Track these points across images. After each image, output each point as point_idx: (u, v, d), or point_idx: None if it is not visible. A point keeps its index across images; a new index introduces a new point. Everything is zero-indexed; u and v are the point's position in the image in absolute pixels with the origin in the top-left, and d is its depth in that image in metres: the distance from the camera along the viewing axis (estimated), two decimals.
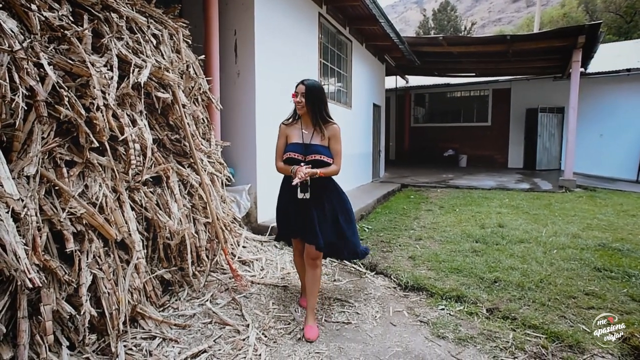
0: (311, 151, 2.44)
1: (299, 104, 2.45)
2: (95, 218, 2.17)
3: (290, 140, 2.50)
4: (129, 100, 2.61)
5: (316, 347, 2.33)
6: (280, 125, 2.60)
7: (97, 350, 2.09)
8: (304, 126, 2.52)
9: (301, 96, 2.43)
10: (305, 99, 2.42)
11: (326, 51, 6.64)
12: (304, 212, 2.48)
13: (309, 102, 2.43)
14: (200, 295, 2.83)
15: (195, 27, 3.88)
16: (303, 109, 2.46)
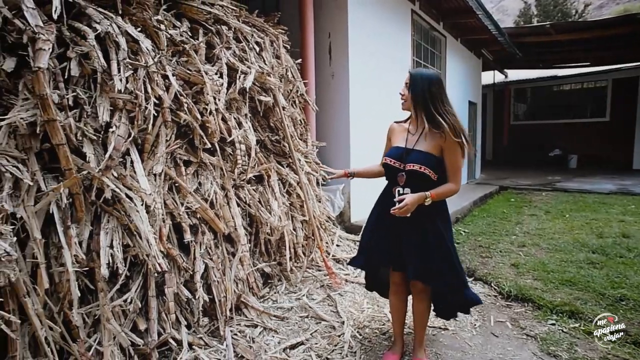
0: (411, 159, 1.92)
1: (402, 97, 1.98)
2: (207, 212, 2.39)
3: (393, 143, 2.07)
4: (235, 104, 2.83)
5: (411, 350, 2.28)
6: (390, 125, 2.18)
7: (208, 332, 2.31)
8: (411, 127, 2.03)
9: (405, 88, 1.95)
10: (409, 91, 1.93)
11: (419, 49, 6.46)
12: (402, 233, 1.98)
13: (413, 94, 1.91)
14: (297, 290, 2.95)
15: (292, 33, 4.06)
16: (407, 104, 1.97)
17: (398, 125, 2.11)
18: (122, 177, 1.99)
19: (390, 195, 1.99)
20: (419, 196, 1.84)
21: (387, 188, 2.09)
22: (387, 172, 2.06)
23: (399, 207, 1.82)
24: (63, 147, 1.79)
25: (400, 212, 1.82)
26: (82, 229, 1.87)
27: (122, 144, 1.98)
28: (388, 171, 2.04)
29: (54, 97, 1.83)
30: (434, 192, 1.88)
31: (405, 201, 1.81)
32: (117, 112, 2.01)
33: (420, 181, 1.90)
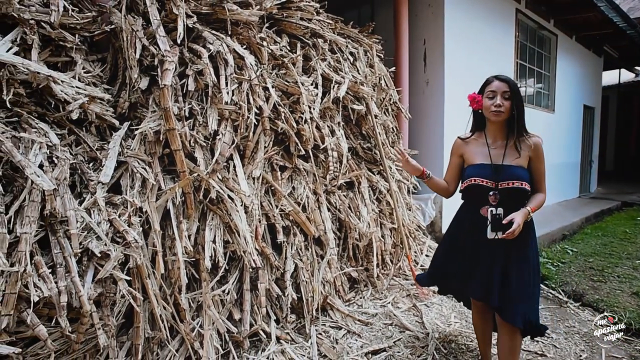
0: (506, 175, 1.75)
1: (498, 108, 1.76)
2: (299, 215, 2.54)
3: (472, 161, 1.84)
4: (329, 113, 2.95)
5: None
6: (455, 141, 1.99)
7: (294, 329, 2.44)
8: (490, 140, 1.85)
9: (502, 98, 1.77)
10: (510, 101, 1.77)
11: (524, 50, 5.98)
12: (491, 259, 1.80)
13: (514, 105, 1.77)
14: (382, 297, 2.96)
15: (386, 41, 4.09)
16: (503, 115, 1.78)
17: (469, 141, 1.92)
18: (225, 179, 2.22)
19: (479, 218, 1.81)
20: (524, 213, 1.71)
21: (472, 209, 1.86)
22: (472, 193, 1.83)
23: (512, 230, 1.65)
24: (179, 152, 2.07)
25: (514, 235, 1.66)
26: (191, 224, 2.13)
27: (227, 150, 2.21)
28: (476, 191, 1.80)
29: (174, 109, 2.13)
30: (533, 206, 1.76)
31: (517, 220, 1.66)
32: (224, 121, 2.25)
33: (515, 198, 1.78)
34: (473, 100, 1.90)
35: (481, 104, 1.84)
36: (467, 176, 1.83)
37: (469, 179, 1.82)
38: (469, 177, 1.82)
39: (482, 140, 1.86)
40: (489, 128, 1.88)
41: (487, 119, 1.85)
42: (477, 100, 1.87)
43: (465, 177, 1.84)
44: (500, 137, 1.84)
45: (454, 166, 1.97)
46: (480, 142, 1.87)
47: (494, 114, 1.79)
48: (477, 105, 1.87)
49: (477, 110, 1.89)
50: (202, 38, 2.39)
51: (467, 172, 1.85)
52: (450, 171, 1.99)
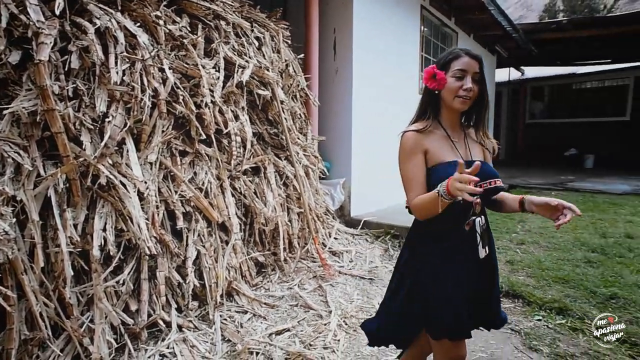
0: (485, 174, 1.34)
1: (468, 93, 1.33)
2: (201, 201, 2.49)
3: (441, 158, 1.36)
4: (233, 97, 2.91)
5: None
6: (407, 135, 1.39)
7: (198, 316, 2.41)
8: (450, 132, 1.43)
9: (472, 80, 1.34)
10: (479, 85, 1.37)
11: (429, 44, 6.43)
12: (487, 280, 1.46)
13: (482, 91, 1.40)
14: (290, 280, 3.03)
15: (298, 28, 4.12)
16: (469, 104, 1.37)
17: (427, 133, 1.39)
18: (117, 164, 2.09)
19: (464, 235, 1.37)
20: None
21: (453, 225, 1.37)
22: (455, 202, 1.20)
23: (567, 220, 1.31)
24: (61, 135, 1.91)
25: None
26: (78, 212, 1.99)
27: (118, 133, 2.08)
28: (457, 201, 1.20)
29: (55, 88, 1.95)
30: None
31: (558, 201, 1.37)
32: (114, 103, 2.11)
33: (489, 200, 1.47)
34: (431, 77, 1.38)
35: (443, 84, 1.36)
36: (442, 178, 1.21)
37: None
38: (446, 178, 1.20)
39: (440, 131, 1.41)
40: (447, 116, 1.43)
41: (447, 104, 1.39)
42: (439, 79, 1.36)
43: (439, 180, 1.23)
44: (458, 129, 1.46)
45: (420, 170, 1.36)
46: (439, 134, 1.40)
47: (461, 100, 1.35)
48: (436, 84, 1.37)
49: (434, 90, 1.39)
50: (88, 12, 2.20)
51: (440, 173, 1.31)
52: (421, 176, 1.35)
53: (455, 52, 1.39)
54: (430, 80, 1.39)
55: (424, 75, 1.42)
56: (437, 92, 1.40)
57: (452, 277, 1.37)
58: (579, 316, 2.54)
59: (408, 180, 1.36)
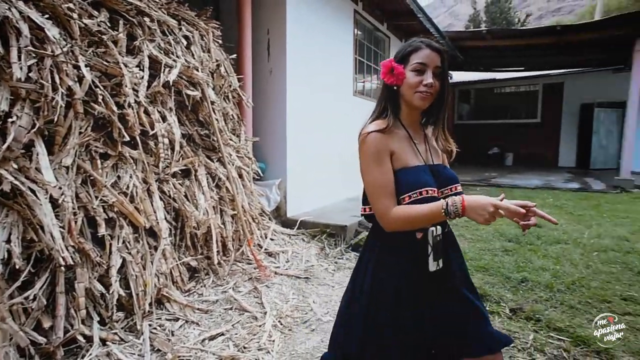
0: (446, 179, 1.28)
1: (430, 89, 1.20)
2: (125, 206, 2.36)
3: (406, 162, 1.23)
4: (160, 98, 2.79)
5: (329, 337, 2.38)
6: (371, 136, 1.21)
7: (125, 328, 2.28)
8: (411, 132, 1.30)
9: (432, 74, 1.20)
10: (440, 81, 1.24)
11: (362, 48, 6.63)
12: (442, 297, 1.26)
13: (444, 87, 1.26)
14: (224, 283, 2.97)
15: (231, 29, 4.06)
16: (430, 101, 1.24)
17: (390, 134, 1.24)
18: (25, 169, 1.92)
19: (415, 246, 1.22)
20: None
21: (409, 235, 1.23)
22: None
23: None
24: None
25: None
26: None
27: (24, 135, 1.91)
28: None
29: None
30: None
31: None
32: (19, 101, 1.94)
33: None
34: (389, 72, 1.24)
35: (402, 79, 1.22)
36: (410, 184, 1.19)
37: (418, 189, 1.19)
38: (415, 185, 1.19)
39: (401, 131, 1.28)
40: (407, 115, 1.30)
41: (407, 101, 1.26)
42: (397, 73, 1.22)
43: (407, 187, 1.19)
44: (418, 128, 1.34)
45: (391, 173, 1.21)
46: (401, 134, 1.27)
47: (421, 96, 1.21)
48: (394, 79, 1.23)
49: (392, 86, 1.25)
50: None
51: (407, 178, 1.21)
52: (391, 182, 1.20)
53: (415, 43, 1.23)
54: (387, 75, 1.25)
55: (382, 70, 1.28)
56: (395, 88, 1.26)
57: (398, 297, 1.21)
58: (495, 300, 2.77)
59: (377, 187, 1.19)
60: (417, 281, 1.22)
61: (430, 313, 1.23)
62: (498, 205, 1.02)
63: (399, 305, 1.22)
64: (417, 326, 1.22)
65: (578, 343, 2.29)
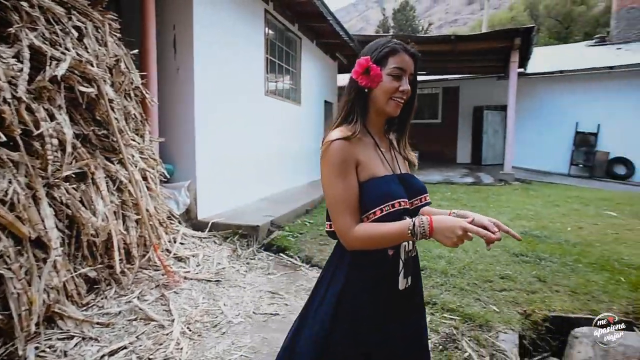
0: (415, 189, 1.21)
1: (404, 96, 1.14)
2: (4, 216, 2.10)
3: (374, 172, 1.13)
4: (46, 94, 2.53)
5: (240, 339, 2.38)
6: (336, 145, 1.09)
7: (2, 355, 2.03)
8: (377, 139, 1.21)
9: (407, 81, 1.14)
10: (412, 88, 1.17)
11: (274, 47, 6.65)
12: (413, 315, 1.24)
13: (414, 94, 1.21)
14: (129, 293, 2.80)
15: (133, 23, 3.80)
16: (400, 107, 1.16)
17: (357, 141, 1.12)
18: None
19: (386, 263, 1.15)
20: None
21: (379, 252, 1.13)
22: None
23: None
24: None
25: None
26: None
27: None
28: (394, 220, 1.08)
29: None
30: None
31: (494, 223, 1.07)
32: None
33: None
34: (365, 72, 1.12)
35: (378, 82, 1.12)
36: (381, 196, 1.09)
37: (390, 202, 1.09)
38: (387, 197, 1.09)
39: (368, 139, 1.17)
40: (375, 121, 1.20)
41: (378, 107, 1.16)
42: (374, 75, 1.11)
43: (378, 199, 1.09)
44: (383, 135, 1.26)
45: (357, 186, 1.11)
46: (367, 142, 1.17)
47: (396, 104, 1.14)
48: (369, 81, 1.12)
49: (364, 88, 1.14)
50: None
51: (377, 190, 1.10)
52: (355, 196, 1.10)
53: (392, 45, 1.12)
54: (362, 76, 1.11)
55: (356, 68, 1.13)
56: (366, 91, 1.14)
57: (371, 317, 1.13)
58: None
59: (340, 202, 1.08)
60: (387, 299, 1.15)
61: (401, 331, 1.17)
62: (468, 228, 0.98)
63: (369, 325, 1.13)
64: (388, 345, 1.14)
65: (466, 320, 2.59)
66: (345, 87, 1.21)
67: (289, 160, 7.20)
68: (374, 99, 1.14)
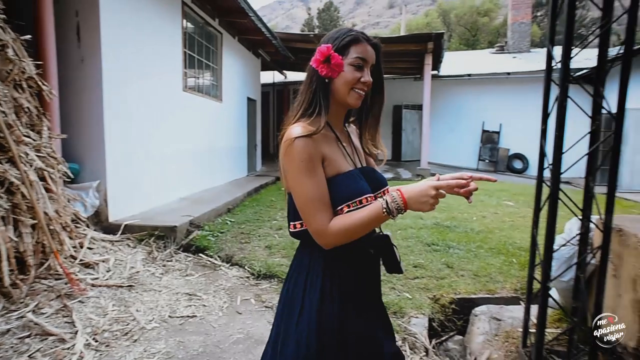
0: (378, 182, 1.17)
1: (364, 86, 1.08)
2: None
3: (340, 168, 1.08)
4: None
5: (153, 345, 2.27)
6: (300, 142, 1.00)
7: None
8: (338, 133, 1.16)
9: (368, 72, 1.08)
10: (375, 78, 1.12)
11: (192, 42, 6.39)
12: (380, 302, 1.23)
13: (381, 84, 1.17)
14: (21, 307, 2.51)
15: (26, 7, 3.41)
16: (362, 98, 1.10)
17: (321, 137, 1.04)
18: None
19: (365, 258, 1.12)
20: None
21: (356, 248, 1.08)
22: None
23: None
24: None
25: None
26: None
27: None
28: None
29: None
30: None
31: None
32: None
33: None
34: (326, 61, 1.05)
35: (339, 71, 1.06)
36: (349, 193, 1.05)
37: (357, 197, 1.05)
38: (355, 194, 1.05)
39: (329, 132, 1.11)
40: (336, 113, 1.14)
41: (339, 98, 1.09)
42: (335, 64, 1.05)
43: (345, 196, 1.05)
44: (342, 128, 1.20)
45: (325, 183, 1.04)
46: (329, 136, 1.11)
47: (358, 95, 1.08)
48: (329, 70, 1.05)
49: (325, 78, 1.07)
50: None
51: (344, 186, 1.06)
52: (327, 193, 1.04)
53: (354, 34, 1.07)
54: (322, 65, 1.05)
55: (316, 56, 1.06)
56: (327, 81, 1.07)
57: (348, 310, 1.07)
58: None
59: (312, 201, 1.01)
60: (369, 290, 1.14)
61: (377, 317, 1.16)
62: (438, 185, 0.95)
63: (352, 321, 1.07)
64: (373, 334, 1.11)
65: None
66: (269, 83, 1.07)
67: (211, 158, 6.99)
68: (334, 90, 1.08)
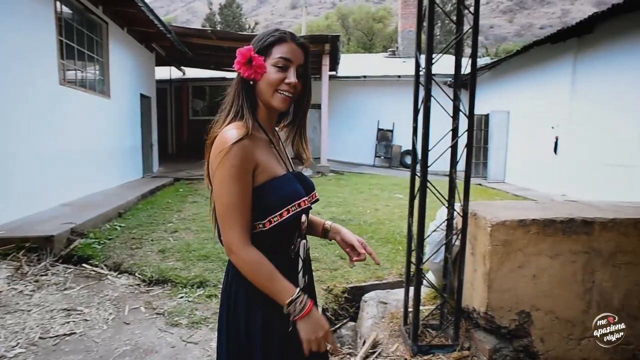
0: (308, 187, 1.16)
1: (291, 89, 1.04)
2: None
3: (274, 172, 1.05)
4: None
5: None
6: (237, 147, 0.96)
7: None
8: (271, 136, 1.13)
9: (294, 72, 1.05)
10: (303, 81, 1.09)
11: (71, 30, 5.75)
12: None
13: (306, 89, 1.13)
14: None
15: None
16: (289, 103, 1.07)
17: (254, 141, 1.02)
18: None
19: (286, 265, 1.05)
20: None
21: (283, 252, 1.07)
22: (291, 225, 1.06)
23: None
24: None
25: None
26: None
27: None
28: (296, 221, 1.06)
29: None
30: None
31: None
32: None
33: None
34: (247, 62, 1.03)
35: (262, 73, 1.04)
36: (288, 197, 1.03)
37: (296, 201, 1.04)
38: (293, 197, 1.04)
39: (261, 135, 1.08)
40: (265, 116, 1.11)
41: (264, 100, 1.07)
42: (256, 65, 1.03)
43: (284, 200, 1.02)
44: (274, 131, 1.18)
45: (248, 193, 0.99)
46: (262, 138, 1.08)
47: (282, 97, 1.04)
48: (252, 72, 1.03)
49: (248, 80, 1.05)
50: None
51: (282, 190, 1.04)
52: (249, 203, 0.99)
53: (278, 34, 1.06)
54: (244, 67, 1.03)
55: (238, 59, 1.04)
56: (252, 83, 1.06)
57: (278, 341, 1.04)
58: (214, 284, 3.02)
59: (233, 209, 0.96)
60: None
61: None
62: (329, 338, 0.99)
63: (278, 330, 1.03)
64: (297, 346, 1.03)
65: None
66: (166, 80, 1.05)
67: (100, 159, 6.39)
68: (260, 93, 1.06)
